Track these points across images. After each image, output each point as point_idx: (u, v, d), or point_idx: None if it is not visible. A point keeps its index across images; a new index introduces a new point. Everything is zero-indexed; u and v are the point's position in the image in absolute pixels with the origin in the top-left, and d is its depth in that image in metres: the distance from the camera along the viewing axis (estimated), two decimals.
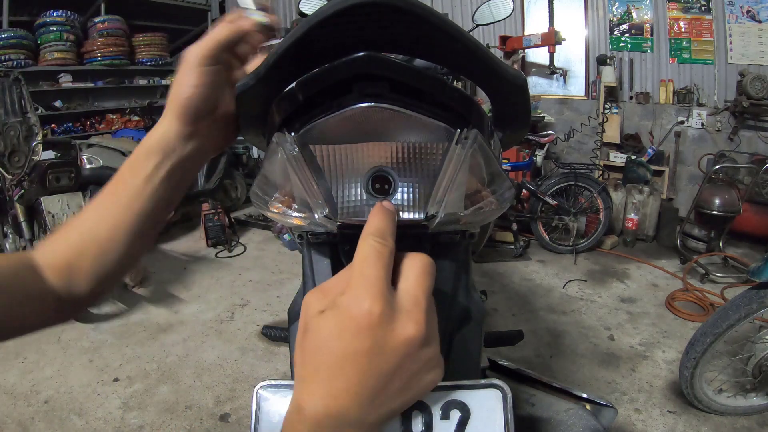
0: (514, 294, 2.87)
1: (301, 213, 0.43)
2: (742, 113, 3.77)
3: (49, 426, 1.77)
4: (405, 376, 0.30)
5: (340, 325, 0.29)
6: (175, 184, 0.45)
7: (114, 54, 5.18)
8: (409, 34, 0.36)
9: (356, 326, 0.28)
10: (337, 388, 0.28)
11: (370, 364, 0.28)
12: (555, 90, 4.62)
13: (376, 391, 0.29)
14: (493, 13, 1.73)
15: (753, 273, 1.61)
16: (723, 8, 3.87)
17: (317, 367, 0.29)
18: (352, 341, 0.28)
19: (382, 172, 0.40)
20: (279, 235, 3.62)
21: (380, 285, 0.30)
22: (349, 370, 0.28)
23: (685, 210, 3.69)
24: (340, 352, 0.28)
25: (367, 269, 0.30)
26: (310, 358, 0.30)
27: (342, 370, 0.28)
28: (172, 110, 0.43)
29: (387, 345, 0.29)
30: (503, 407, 0.41)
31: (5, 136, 2.55)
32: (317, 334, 0.30)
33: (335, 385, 0.28)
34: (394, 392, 0.29)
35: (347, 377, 0.28)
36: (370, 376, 0.28)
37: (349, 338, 0.28)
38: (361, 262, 0.31)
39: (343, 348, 0.28)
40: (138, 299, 2.77)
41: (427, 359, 0.31)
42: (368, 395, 0.28)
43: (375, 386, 0.29)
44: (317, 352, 0.29)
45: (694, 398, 1.76)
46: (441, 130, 0.38)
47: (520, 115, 0.45)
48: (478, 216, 0.44)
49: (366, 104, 0.36)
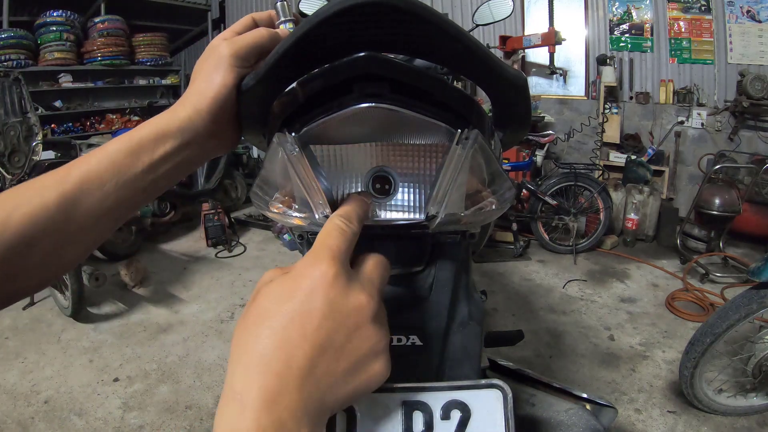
0: (514, 294, 2.87)
1: (302, 213, 0.43)
2: (742, 113, 3.77)
3: (49, 426, 1.77)
4: (352, 355, 0.28)
5: (292, 286, 0.28)
6: (176, 175, 0.41)
7: (114, 54, 5.18)
8: (409, 34, 0.36)
9: (310, 286, 0.27)
10: (278, 359, 0.25)
11: (319, 327, 0.27)
12: (555, 90, 4.62)
13: (322, 364, 0.27)
14: (493, 13, 1.73)
15: (753, 273, 1.61)
16: (723, 8, 3.87)
17: (258, 335, 0.26)
18: (303, 301, 0.27)
19: (383, 172, 0.40)
20: (279, 235, 3.62)
21: (340, 254, 0.30)
22: (295, 335, 0.26)
23: (685, 210, 3.69)
24: (288, 313, 0.27)
25: (329, 240, 0.30)
26: (252, 327, 0.27)
27: (287, 336, 0.26)
28: (194, 105, 0.40)
29: (339, 308, 0.28)
30: (503, 407, 0.41)
31: (5, 136, 2.55)
32: (265, 299, 0.28)
33: (277, 356, 0.26)
34: (341, 373, 0.28)
35: (292, 344, 0.26)
36: (318, 342, 0.26)
37: (301, 298, 0.27)
38: (322, 235, 0.31)
39: (293, 309, 0.27)
40: (138, 299, 2.77)
41: (376, 341, 0.30)
42: (313, 370, 0.26)
43: (322, 359, 0.26)
44: (262, 318, 0.27)
45: (694, 398, 1.76)
46: (441, 131, 0.38)
47: (521, 115, 0.45)
48: (478, 216, 0.44)
49: (366, 104, 0.36)
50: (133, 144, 0.38)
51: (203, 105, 0.40)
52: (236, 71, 0.40)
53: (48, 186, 0.35)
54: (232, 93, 0.41)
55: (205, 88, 0.40)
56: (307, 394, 0.26)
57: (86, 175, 0.36)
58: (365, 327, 0.29)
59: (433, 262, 0.49)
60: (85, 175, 0.36)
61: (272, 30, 0.44)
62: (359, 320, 0.29)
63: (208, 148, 0.43)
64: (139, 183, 0.38)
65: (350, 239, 0.32)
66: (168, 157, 0.39)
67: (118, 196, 0.37)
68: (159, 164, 0.39)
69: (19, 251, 0.33)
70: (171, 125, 0.39)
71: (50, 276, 0.38)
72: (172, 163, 0.40)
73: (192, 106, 0.40)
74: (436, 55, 0.41)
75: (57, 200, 0.35)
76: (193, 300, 2.79)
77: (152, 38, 5.61)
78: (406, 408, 0.40)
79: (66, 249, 0.36)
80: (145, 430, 1.75)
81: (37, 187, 0.35)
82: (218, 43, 0.42)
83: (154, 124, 0.39)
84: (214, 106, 0.40)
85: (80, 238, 0.37)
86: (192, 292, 2.89)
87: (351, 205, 0.35)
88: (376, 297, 0.30)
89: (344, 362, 0.28)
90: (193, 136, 0.40)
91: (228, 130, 0.43)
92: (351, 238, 0.32)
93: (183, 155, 0.40)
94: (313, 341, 0.26)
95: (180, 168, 0.41)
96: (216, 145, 0.43)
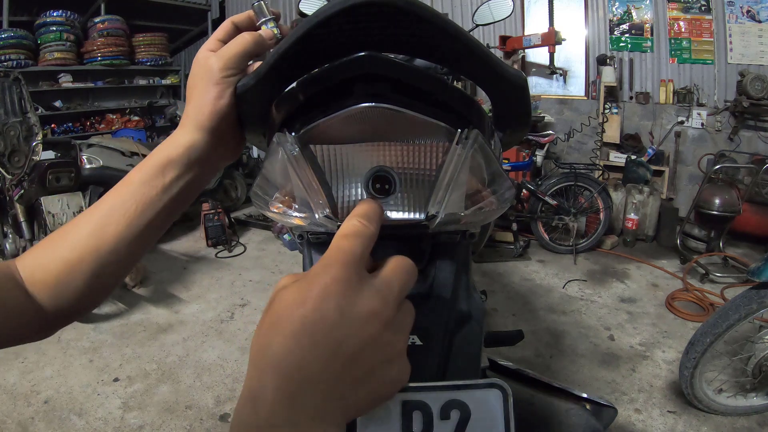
0: (514, 294, 2.87)
1: (302, 213, 0.43)
2: (742, 113, 3.77)
3: (49, 426, 1.77)
4: (366, 362, 0.28)
5: (304, 293, 0.27)
6: (193, 191, 0.45)
7: (114, 54, 5.18)
8: (410, 34, 0.36)
9: (321, 292, 0.27)
10: (290, 363, 0.26)
11: (329, 334, 0.26)
12: (555, 90, 4.62)
13: (335, 371, 0.26)
14: (493, 13, 1.73)
15: (753, 273, 1.61)
16: (723, 8, 3.87)
17: (271, 341, 0.26)
18: (314, 308, 0.26)
19: (383, 172, 0.40)
20: (279, 235, 3.62)
21: (354, 258, 0.29)
22: (306, 341, 0.26)
23: (685, 210, 3.69)
24: (299, 320, 0.26)
25: (344, 243, 0.29)
26: (266, 333, 0.27)
27: (298, 342, 0.26)
28: (195, 123, 0.43)
29: (350, 315, 0.27)
30: (503, 407, 0.41)
31: (5, 136, 2.55)
32: (279, 305, 0.28)
33: (289, 360, 0.26)
34: (356, 379, 0.27)
35: (303, 350, 0.26)
36: (330, 349, 0.26)
37: (312, 304, 0.27)
38: (339, 237, 0.30)
39: (303, 315, 0.26)
40: (138, 299, 2.77)
41: (391, 349, 0.29)
42: (325, 375, 0.26)
43: (333, 364, 0.26)
44: (275, 325, 0.27)
45: (694, 398, 1.76)
46: (441, 130, 0.38)
47: (521, 115, 0.45)
48: (478, 216, 0.44)
49: (367, 104, 0.36)
50: (145, 174, 0.43)
51: (204, 122, 0.43)
52: (228, 81, 0.43)
53: (84, 220, 0.43)
54: (229, 103, 0.43)
55: (202, 105, 0.43)
56: (322, 398, 0.26)
57: (111, 206, 0.42)
58: (379, 334, 0.28)
59: (433, 262, 0.49)
60: (110, 206, 0.42)
61: (255, 33, 0.45)
62: (372, 327, 0.28)
63: (214, 161, 0.46)
64: (158, 205, 0.43)
65: (367, 241, 0.30)
66: (179, 178, 0.43)
67: (141, 221, 0.42)
68: (171, 186, 0.43)
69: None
70: (175, 152, 0.43)
71: (94, 300, 0.44)
72: (184, 182, 0.44)
73: (193, 126, 0.43)
74: (436, 55, 0.41)
75: (90, 229, 0.42)
76: (193, 300, 2.79)
77: (152, 38, 5.60)
78: (406, 408, 0.40)
79: (104, 272, 0.42)
80: (145, 430, 1.75)
81: (79, 222, 0.43)
82: (206, 57, 0.44)
83: (160, 152, 0.44)
84: (214, 120, 0.43)
85: (114, 259, 0.42)
86: (192, 292, 2.89)
87: (368, 206, 0.33)
88: (392, 303, 0.29)
89: (358, 369, 0.27)
90: (198, 155, 0.44)
91: (231, 140, 0.46)
92: (368, 240, 0.30)
93: (192, 174, 0.44)
94: (324, 348, 0.26)
95: (193, 185, 0.45)
96: (222, 155, 0.46)
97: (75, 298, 0.41)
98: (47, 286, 0.40)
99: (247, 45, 0.43)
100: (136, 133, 5.16)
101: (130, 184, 0.43)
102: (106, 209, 0.42)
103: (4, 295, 0.39)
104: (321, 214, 0.41)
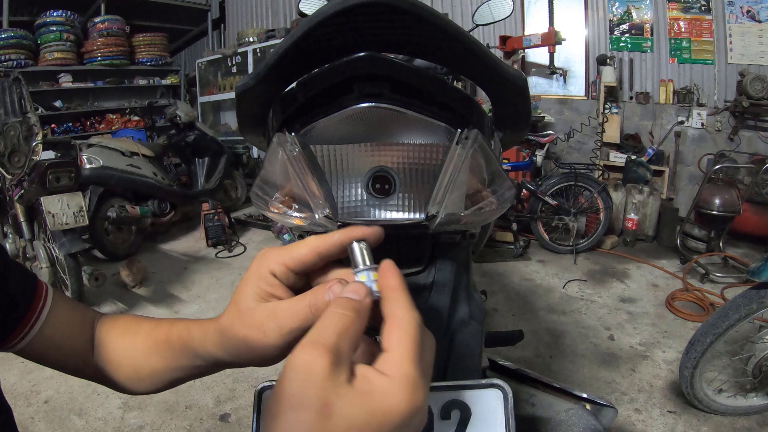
0: (514, 294, 2.87)
1: (302, 213, 0.43)
2: (742, 113, 3.77)
3: (49, 426, 1.77)
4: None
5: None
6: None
7: (114, 54, 5.18)
8: (409, 34, 0.36)
9: (297, 386, 0.26)
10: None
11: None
12: (555, 90, 4.62)
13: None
14: (492, 13, 1.73)
15: (753, 273, 1.60)
16: (723, 8, 3.87)
17: (266, 426, 0.26)
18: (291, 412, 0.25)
19: (383, 172, 0.40)
20: (279, 235, 3.62)
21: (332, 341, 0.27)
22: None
23: (685, 210, 3.69)
24: (283, 417, 0.25)
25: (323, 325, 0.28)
26: (266, 414, 0.27)
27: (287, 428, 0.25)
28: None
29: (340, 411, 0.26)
30: (504, 407, 0.41)
31: (5, 136, 2.54)
32: (275, 391, 0.27)
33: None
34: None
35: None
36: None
37: (291, 405, 0.25)
38: (308, 344, 0.27)
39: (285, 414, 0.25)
40: (138, 299, 2.77)
41: (423, 415, 0.28)
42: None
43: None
44: (270, 410, 0.26)
45: (694, 398, 1.76)
46: (441, 130, 0.38)
47: (521, 115, 0.45)
48: (478, 216, 0.44)
49: (366, 104, 0.36)
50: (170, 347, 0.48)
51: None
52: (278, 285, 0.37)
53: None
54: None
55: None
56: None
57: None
58: (417, 425, 0.28)
59: (433, 262, 0.49)
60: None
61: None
62: (414, 424, 0.27)
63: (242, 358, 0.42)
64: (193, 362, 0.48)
65: (354, 333, 0.29)
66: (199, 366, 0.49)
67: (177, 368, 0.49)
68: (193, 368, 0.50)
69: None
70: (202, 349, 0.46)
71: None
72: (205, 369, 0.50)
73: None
74: (436, 55, 0.41)
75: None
76: (193, 300, 2.79)
77: (152, 38, 5.61)
78: None
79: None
80: (145, 430, 1.75)
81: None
82: (269, 255, 0.37)
83: (192, 337, 0.46)
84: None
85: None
86: (192, 292, 2.89)
87: (357, 285, 0.31)
88: (424, 389, 0.28)
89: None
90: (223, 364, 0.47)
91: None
92: (355, 332, 0.29)
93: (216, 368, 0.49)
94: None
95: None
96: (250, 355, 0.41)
97: (149, 384, 0.51)
98: (125, 370, 0.50)
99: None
100: (136, 133, 5.16)
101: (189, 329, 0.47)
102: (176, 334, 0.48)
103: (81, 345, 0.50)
104: (321, 214, 0.41)
